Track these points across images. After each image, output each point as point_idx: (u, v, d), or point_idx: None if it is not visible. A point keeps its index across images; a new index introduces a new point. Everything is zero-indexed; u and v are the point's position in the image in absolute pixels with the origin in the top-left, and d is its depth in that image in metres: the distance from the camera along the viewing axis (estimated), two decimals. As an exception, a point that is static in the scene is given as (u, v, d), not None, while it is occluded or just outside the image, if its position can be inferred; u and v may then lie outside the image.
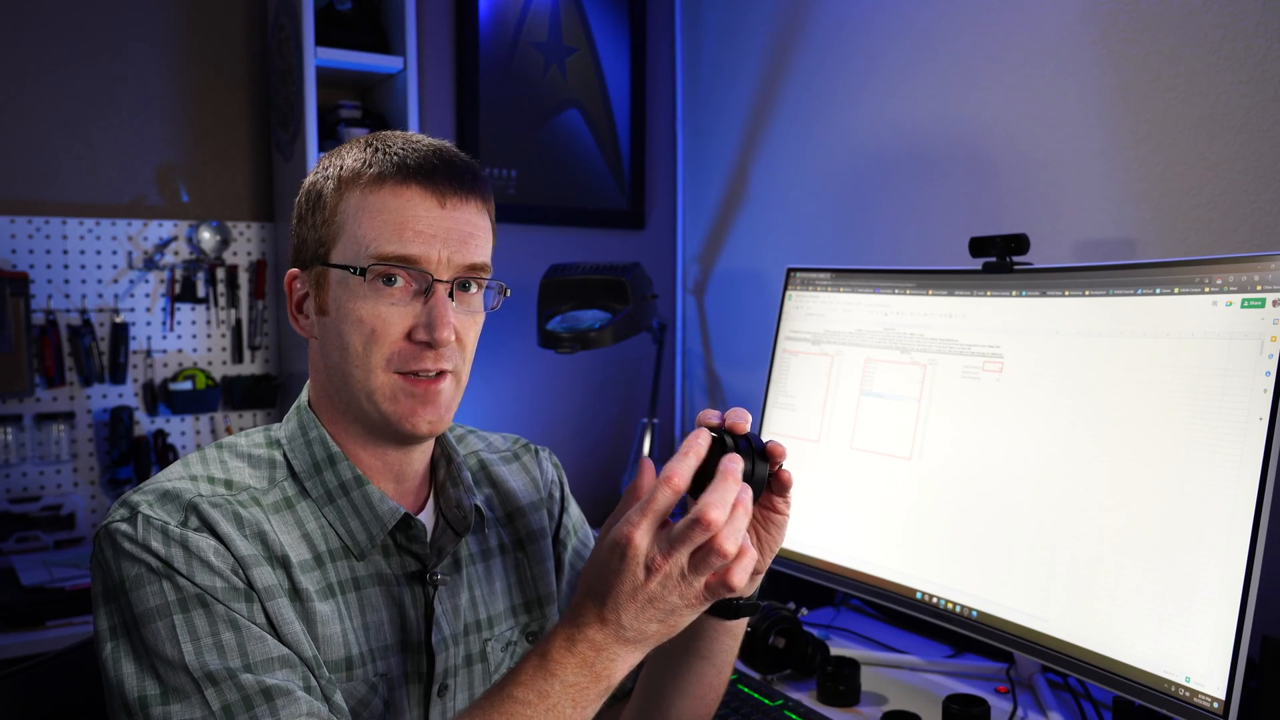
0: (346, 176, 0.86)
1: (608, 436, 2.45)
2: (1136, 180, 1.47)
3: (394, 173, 0.84)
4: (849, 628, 1.61)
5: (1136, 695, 1.08)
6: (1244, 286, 1.06)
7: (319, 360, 0.90)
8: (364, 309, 0.84)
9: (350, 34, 2.01)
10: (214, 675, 0.74)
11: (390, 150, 0.86)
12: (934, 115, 1.79)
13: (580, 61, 2.38)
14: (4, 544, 1.91)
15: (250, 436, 0.91)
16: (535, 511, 1.04)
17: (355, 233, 0.84)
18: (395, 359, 0.84)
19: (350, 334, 0.84)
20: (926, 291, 1.43)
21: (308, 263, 0.89)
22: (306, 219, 0.89)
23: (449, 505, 0.95)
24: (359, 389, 0.85)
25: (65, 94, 1.98)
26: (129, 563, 0.77)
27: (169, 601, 0.76)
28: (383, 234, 0.83)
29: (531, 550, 1.02)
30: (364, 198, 0.84)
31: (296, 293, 0.90)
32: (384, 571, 0.89)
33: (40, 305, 1.96)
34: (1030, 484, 1.24)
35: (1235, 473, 1.03)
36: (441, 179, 0.85)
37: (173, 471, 0.85)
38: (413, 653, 0.90)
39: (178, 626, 0.75)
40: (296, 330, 0.91)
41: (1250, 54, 1.32)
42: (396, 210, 0.84)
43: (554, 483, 1.08)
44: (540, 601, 1.02)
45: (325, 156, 0.91)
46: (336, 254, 0.86)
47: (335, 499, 0.87)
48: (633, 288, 1.99)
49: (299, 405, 0.93)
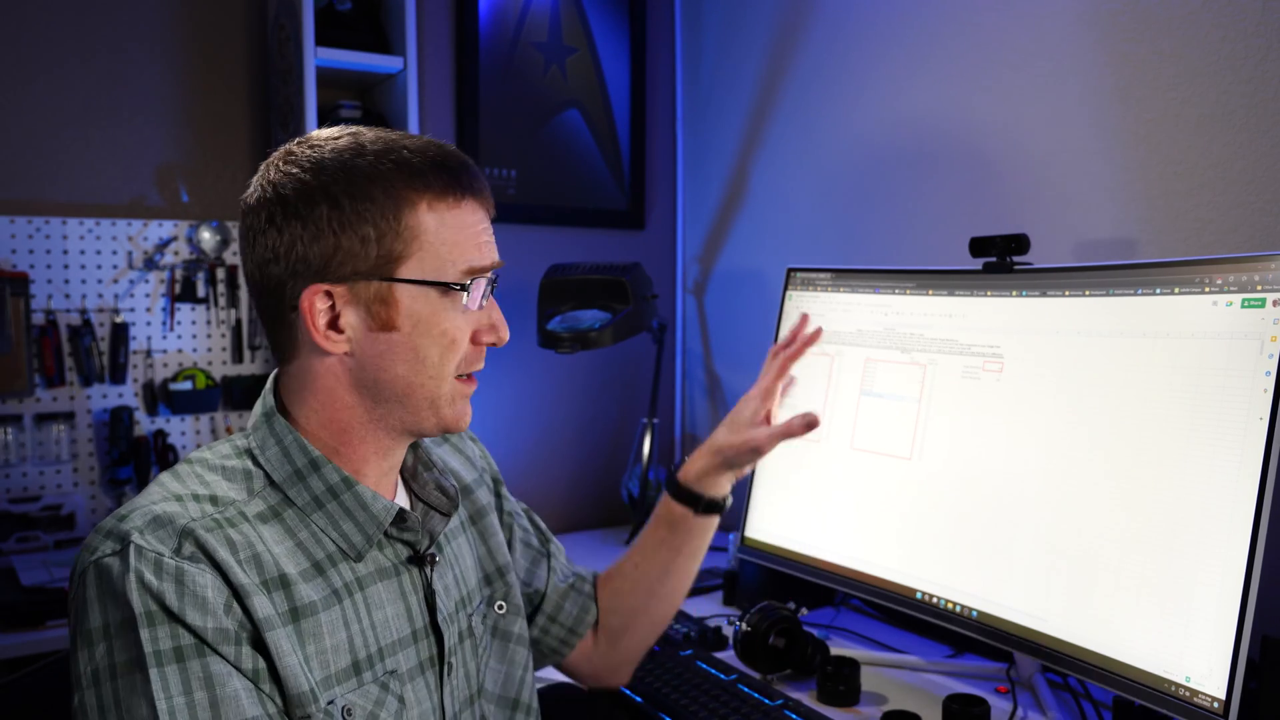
0: (404, 189, 0.83)
1: (608, 436, 2.45)
2: (1136, 180, 1.47)
3: (460, 187, 0.87)
4: (849, 628, 1.61)
5: (1136, 695, 1.08)
6: (1244, 286, 1.06)
7: (344, 374, 0.86)
8: (448, 321, 0.86)
9: (350, 34, 2.01)
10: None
11: (437, 161, 0.86)
12: (934, 115, 1.79)
13: (580, 61, 2.38)
14: (4, 544, 1.91)
15: (216, 449, 0.88)
16: (479, 488, 1.10)
17: (439, 249, 0.85)
18: (463, 363, 0.89)
19: (429, 347, 0.86)
20: (927, 291, 1.43)
21: (347, 277, 0.83)
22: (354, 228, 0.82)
23: (425, 489, 0.98)
24: (424, 398, 0.87)
25: (65, 94, 1.98)
26: (115, 606, 0.74)
27: (146, 654, 0.73)
28: (467, 249, 0.87)
29: (485, 524, 1.08)
30: (446, 213, 0.86)
31: (321, 311, 0.84)
32: (383, 565, 0.89)
33: (40, 305, 1.96)
34: (1030, 484, 1.24)
35: (1235, 473, 1.03)
36: (482, 189, 0.90)
37: (154, 494, 0.81)
38: (422, 639, 0.91)
39: (153, 681, 0.72)
40: (325, 348, 0.84)
41: (1250, 54, 1.32)
42: (472, 225, 0.88)
43: (484, 458, 1.15)
44: (500, 571, 1.07)
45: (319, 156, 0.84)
46: (409, 269, 0.84)
47: (324, 504, 0.86)
48: (633, 288, 1.99)
49: (267, 414, 0.88)
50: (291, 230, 0.82)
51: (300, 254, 0.82)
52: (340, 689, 0.82)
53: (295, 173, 0.83)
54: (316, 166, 0.83)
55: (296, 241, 0.82)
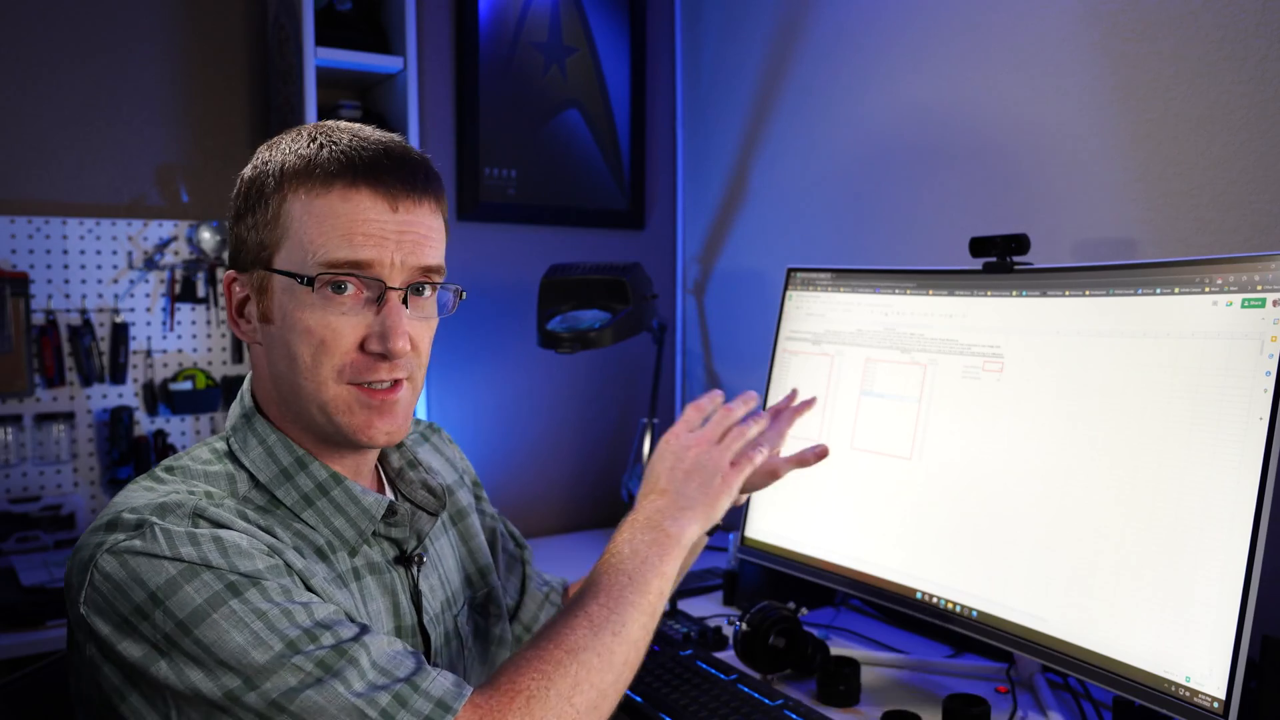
0: (289, 174, 0.81)
1: (608, 436, 2.45)
2: (1136, 180, 1.47)
3: (342, 173, 0.80)
4: (849, 628, 1.61)
5: (1136, 695, 1.08)
6: (1244, 286, 1.06)
7: (263, 366, 0.86)
8: (312, 319, 0.80)
9: (350, 34, 2.01)
10: (294, 641, 0.71)
11: (337, 148, 0.81)
12: (934, 115, 1.79)
13: (580, 61, 2.38)
14: (4, 544, 1.91)
15: (194, 454, 0.87)
16: (460, 489, 1.09)
17: (301, 238, 0.80)
18: (348, 370, 0.81)
19: (298, 344, 0.81)
20: (927, 291, 1.43)
21: (247, 265, 0.84)
22: (245, 217, 0.84)
23: (411, 489, 0.96)
24: (310, 401, 0.82)
25: (65, 94, 1.98)
26: (154, 573, 0.71)
27: (217, 591, 0.71)
28: (331, 240, 0.79)
29: (466, 525, 1.07)
30: (310, 200, 0.80)
31: (236, 296, 0.86)
32: (374, 561, 0.89)
33: (40, 305, 1.96)
34: (1030, 484, 1.24)
35: (1235, 473, 1.03)
36: (392, 180, 0.81)
37: (138, 496, 0.79)
38: (407, 638, 0.90)
39: (238, 610, 0.71)
40: (238, 335, 0.87)
41: (1250, 54, 1.32)
42: (345, 214, 0.80)
43: (463, 460, 1.14)
44: (482, 572, 1.07)
45: (264, 147, 0.86)
46: (281, 259, 0.81)
47: (314, 501, 0.85)
48: (633, 288, 1.99)
49: (245, 414, 0.88)
50: (229, 222, 0.88)
51: (230, 244, 0.87)
52: None
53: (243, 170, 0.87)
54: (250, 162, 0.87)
55: (229, 232, 0.88)
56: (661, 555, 0.89)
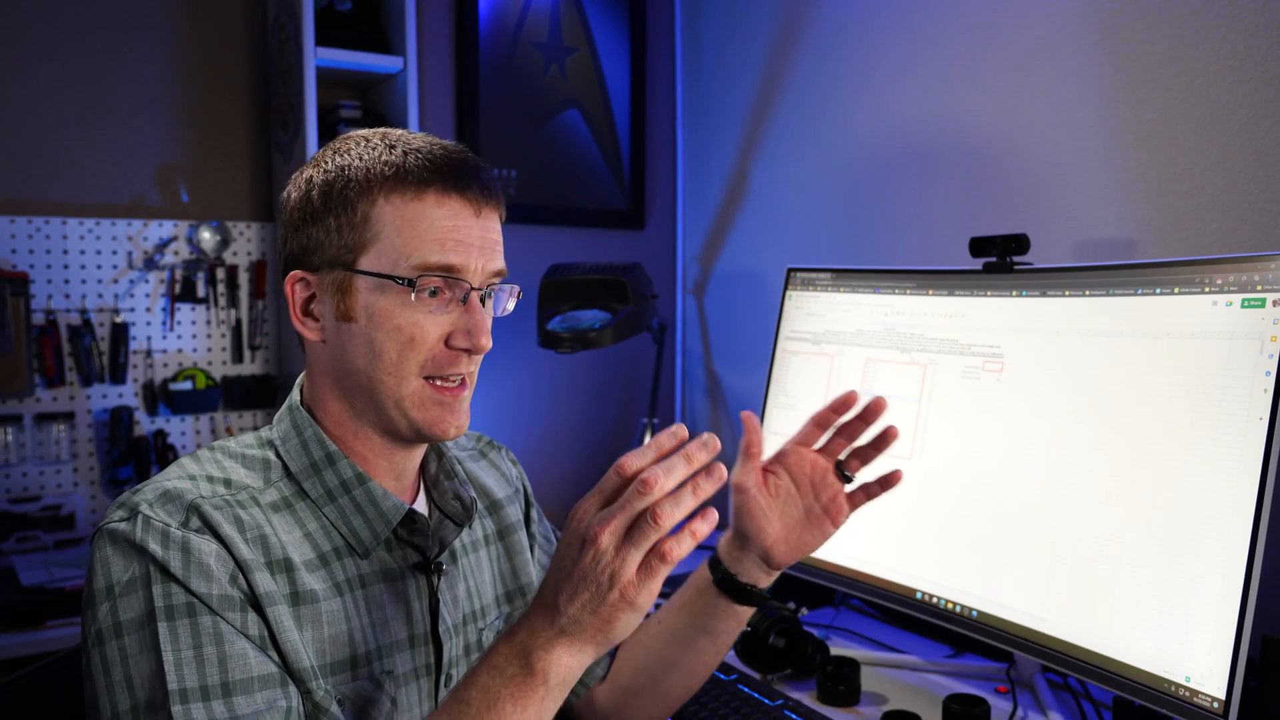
0: (378, 179, 0.85)
1: (608, 437, 2.45)
2: (1136, 180, 1.47)
3: (432, 180, 0.85)
4: (849, 628, 1.61)
5: (1136, 695, 1.08)
6: (1244, 286, 1.06)
7: (327, 363, 0.89)
8: (403, 317, 0.84)
9: (350, 34, 2.01)
10: (187, 693, 0.73)
11: (421, 155, 0.85)
12: (934, 115, 1.79)
13: (580, 61, 2.38)
14: (4, 544, 1.91)
15: (241, 439, 0.91)
16: (510, 505, 1.08)
17: (395, 241, 0.84)
18: (429, 364, 0.86)
19: (385, 341, 0.85)
20: (927, 291, 1.43)
21: (320, 266, 0.87)
22: (322, 220, 0.86)
23: (444, 498, 0.97)
24: (388, 395, 0.86)
25: (65, 94, 1.98)
26: (122, 565, 0.76)
27: (156, 609, 0.75)
28: (426, 244, 0.84)
29: (512, 541, 1.06)
30: (404, 205, 0.84)
31: (299, 295, 0.89)
32: (389, 566, 0.90)
33: (40, 305, 1.96)
34: (1030, 484, 1.24)
35: (1235, 473, 1.03)
36: (476, 189, 0.86)
37: (170, 473, 0.84)
38: (420, 645, 0.91)
39: (160, 634, 0.74)
40: (302, 333, 0.89)
41: (1250, 54, 1.33)
42: (440, 220, 0.84)
43: (519, 478, 1.14)
44: (522, 590, 1.06)
45: (328, 152, 0.89)
46: (368, 260, 0.85)
47: (336, 498, 0.87)
48: (633, 288, 1.99)
49: (291, 406, 0.92)
50: (289, 225, 0.89)
51: (291, 245, 0.89)
52: (335, 679, 0.83)
53: (306, 174, 0.90)
54: (316, 166, 0.90)
55: (290, 234, 0.89)
56: (516, 699, 0.72)
